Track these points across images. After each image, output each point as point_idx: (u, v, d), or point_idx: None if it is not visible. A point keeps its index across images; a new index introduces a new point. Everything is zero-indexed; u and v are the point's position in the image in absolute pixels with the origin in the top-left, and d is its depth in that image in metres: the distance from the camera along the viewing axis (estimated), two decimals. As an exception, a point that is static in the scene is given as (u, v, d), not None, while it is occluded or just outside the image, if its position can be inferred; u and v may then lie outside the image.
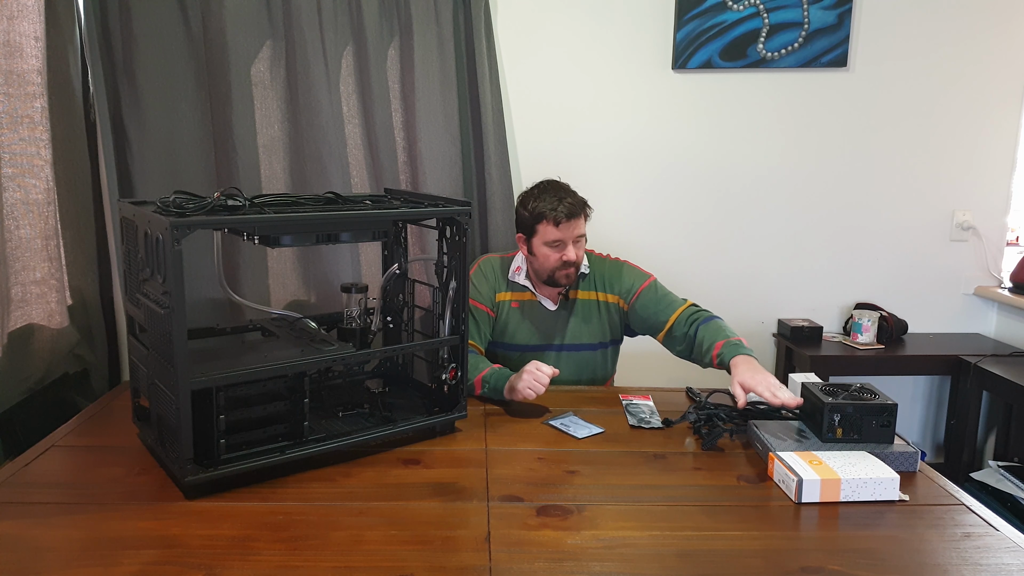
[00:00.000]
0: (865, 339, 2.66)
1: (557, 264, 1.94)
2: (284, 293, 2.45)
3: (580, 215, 1.94)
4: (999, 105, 2.69)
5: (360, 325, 1.72)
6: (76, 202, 2.17)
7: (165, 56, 2.23)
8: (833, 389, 1.61)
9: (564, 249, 1.93)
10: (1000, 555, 1.22)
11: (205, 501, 1.35)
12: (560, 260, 1.93)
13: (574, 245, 1.93)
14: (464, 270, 1.62)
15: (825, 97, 2.66)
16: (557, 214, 1.90)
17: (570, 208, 1.91)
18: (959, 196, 2.75)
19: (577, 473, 1.49)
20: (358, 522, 1.29)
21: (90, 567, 1.15)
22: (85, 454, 1.55)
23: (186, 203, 1.37)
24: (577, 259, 1.94)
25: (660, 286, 2.03)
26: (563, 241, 1.92)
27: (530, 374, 1.72)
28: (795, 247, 2.76)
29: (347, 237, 1.55)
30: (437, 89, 2.40)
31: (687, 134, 2.66)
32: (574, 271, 1.96)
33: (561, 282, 1.97)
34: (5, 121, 1.86)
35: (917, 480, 1.49)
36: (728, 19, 2.55)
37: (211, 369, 1.37)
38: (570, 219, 1.91)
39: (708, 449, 1.62)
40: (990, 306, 2.85)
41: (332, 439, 1.51)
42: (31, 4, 1.89)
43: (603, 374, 2.12)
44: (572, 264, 1.94)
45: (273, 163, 2.37)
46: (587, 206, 1.98)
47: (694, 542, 1.25)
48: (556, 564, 1.17)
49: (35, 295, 1.97)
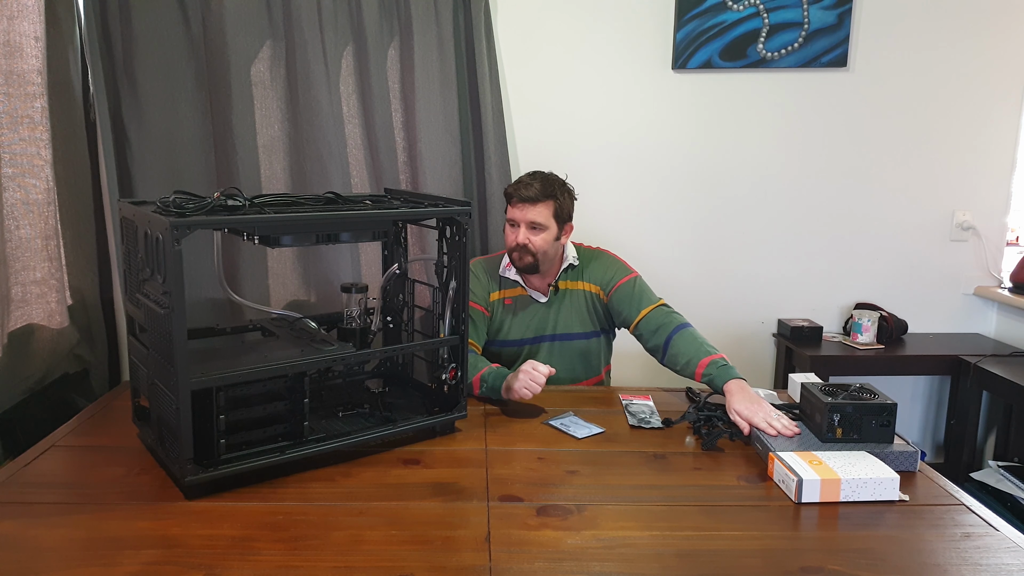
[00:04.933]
0: (865, 339, 2.66)
1: (511, 244, 1.98)
2: (284, 293, 2.45)
3: (539, 202, 1.94)
4: (999, 105, 2.69)
5: (360, 325, 1.71)
6: (76, 202, 2.17)
7: (165, 56, 2.23)
8: (833, 389, 1.61)
9: (516, 229, 1.97)
10: (1000, 555, 1.22)
11: (205, 501, 1.35)
12: (513, 242, 1.97)
13: (527, 229, 1.95)
14: (464, 270, 1.62)
15: (825, 97, 2.66)
16: (516, 194, 1.96)
17: (529, 192, 1.94)
18: (959, 196, 2.75)
19: (577, 473, 1.49)
20: (358, 522, 1.29)
21: (90, 567, 1.15)
22: (85, 454, 1.55)
23: (186, 203, 1.36)
24: (528, 244, 1.95)
25: (640, 283, 2.04)
26: (515, 221, 1.97)
27: (526, 374, 1.73)
28: (795, 247, 2.76)
29: (347, 237, 1.55)
30: (437, 89, 2.40)
31: (687, 134, 2.66)
32: (529, 258, 1.97)
33: (515, 263, 2.00)
34: (5, 121, 1.86)
35: (917, 480, 1.49)
36: (728, 19, 2.55)
37: (211, 369, 1.37)
38: (524, 202, 1.94)
39: (708, 449, 1.62)
40: (990, 306, 2.85)
41: (332, 439, 1.51)
42: (31, 4, 1.89)
43: (596, 364, 2.14)
44: (522, 248, 1.96)
45: (273, 163, 2.37)
46: (559, 199, 1.97)
47: (694, 542, 1.25)
48: (556, 564, 1.17)
49: (35, 295, 1.97)
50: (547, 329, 2.07)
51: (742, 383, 1.74)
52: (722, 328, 2.77)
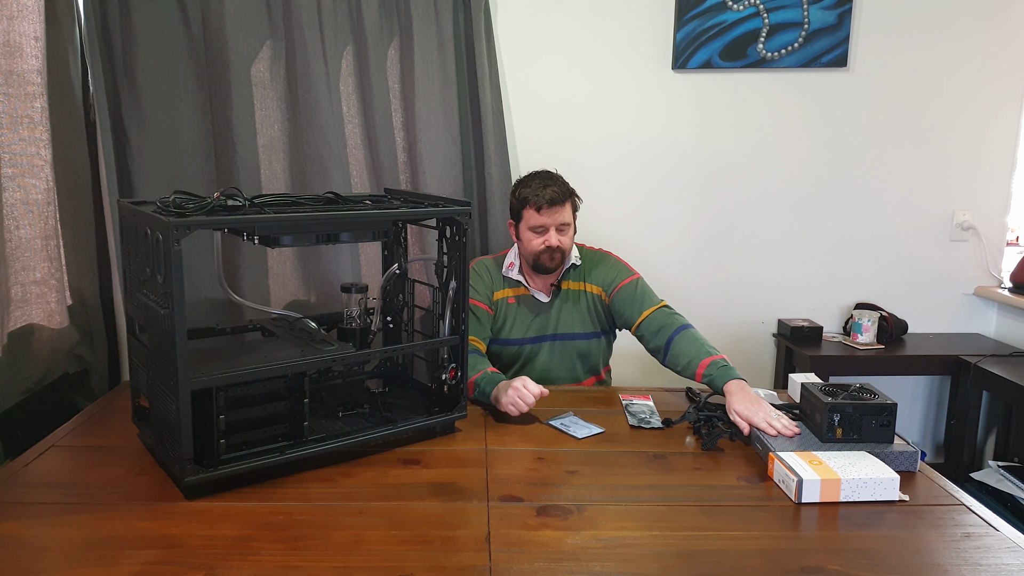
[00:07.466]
0: (865, 339, 2.66)
1: (540, 248, 1.98)
2: (284, 293, 2.45)
3: (564, 203, 1.97)
4: (999, 105, 2.69)
5: (360, 325, 1.71)
6: (76, 202, 2.17)
7: (165, 56, 2.23)
8: (833, 389, 1.61)
9: (546, 235, 1.97)
10: (1000, 555, 1.22)
11: (205, 501, 1.35)
12: (542, 245, 1.97)
13: (556, 232, 1.97)
14: (464, 270, 1.62)
15: (825, 97, 2.66)
16: (540, 200, 1.95)
17: (553, 195, 1.95)
18: (959, 196, 2.75)
19: (577, 473, 1.49)
20: (358, 522, 1.29)
21: (90, 567, 1.15)
22: (85, 454, 1.55)
23: (186, 203, 1.37)
24: (560, 245, 1.97)
25: (642, 284, 2.04)
26: (545, 227, 1.96)
27: (515, 390, 1.71)
28: (795, 247, 2.76)
29: (347, 237, 1.55)
30: (437, 89, 2.40)
31: (687, 134, 2.66)
32: (559, 256, 1.99)
33: (546, 265, 1.99)
34: (5, 121, 1.86)
35: (917, 480, 1.49)
36: (728, 19, 2.55)
37: (211, 369, 1.37)
38: (552, 205, 1.95)
39: (708, 449, 1.62)
40: (990, 306, 2.85)
41: (332, 439, 1.51)
42: (31, 4, 1.89)
43: (597, 364, 2.14)
44: (555, 249, 1.97)
45: (273, 163, 2.37)
46: (574, 195, 2.02)
47: (694, 542, 1.25)
48: (556, 564, 1.17)
49: (35, 295, 1.97)
50: (548, 329, 2.07)
51: (742, 383, 1.74)
52: (722, 328, 2.77)
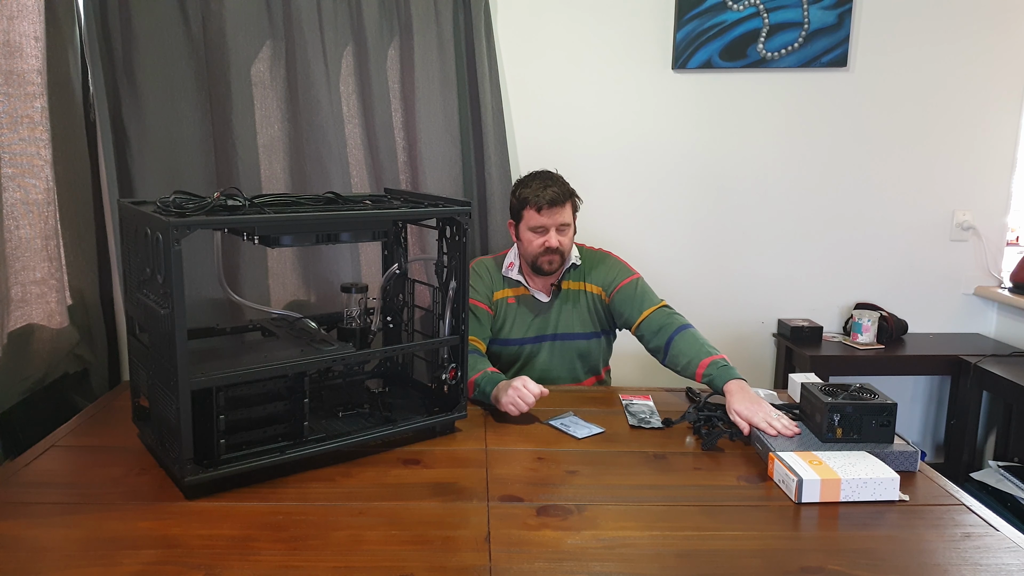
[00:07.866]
0: (865, 339, 2.66)
1: (540, 250, 1.97)
2: (284, 293, 2.45)
3: (565, 203, 1.97)
4: (999, 105, 2.69)
5: (360, 325, 1.71)
6: (76, 202, 2.17)
7: (165, 56, 2.23)
8: (833, 389, 1.61)
9: (546, 235, 1.97)
10: (1000, 555, 1.22)
11: (205, 501, 1.35)
12: (542, 246, 1.97)
13: (557, 232, 1.97)
14: (464, 270, 1.62)
15: (825, 97, 2.66)
16: (540, 200, 1.94)
17: (553, 195, 1.95)
18: (959, 196, 2.75)
19: (577, 473, 1.49)
20: (358, 522, 1.29)
21: (90, 567, 1.15)
22: (85, 454, 1.55)
23: (186, 203, 1.37)
24: (560, 246, 1.97)
25: (642, 284, 2.04)
26: (545, 227, 1.96)
27: (515, 390, 1.71)
28: (795, 247, 2.76)
29: (347, 237, 1.55)
30: (437, 89, 2.40)
31: (687, 134, 2.66)
32: (558, 258, 1.98)
33: (544, 268, 1.99)
34: (5, 121, 1.86)
35: (917, 480, 1.49)
36: (728, 19, 2.55)
37: (211, 369, 1.37)
38: (552, 206, 1.95)
39: (708, 449, 1.62)
40: (990, 306, 2.85)
41: (332, 439, 1.51)
42: (31, 4, 1.89)
43: (596, 364, 2.14)
44: (554, 251, 1.96)
45: (273, 163, 2.37)
46: (575, 196, 2.02)
47: (694, 542, 1.25)
48: (556, 564, 1.17)
49: (35, 295, 1.97)
50: (548, 329, 2.07)
51: (742, 383, 1.74)
52: (722, 328, 2.77)
